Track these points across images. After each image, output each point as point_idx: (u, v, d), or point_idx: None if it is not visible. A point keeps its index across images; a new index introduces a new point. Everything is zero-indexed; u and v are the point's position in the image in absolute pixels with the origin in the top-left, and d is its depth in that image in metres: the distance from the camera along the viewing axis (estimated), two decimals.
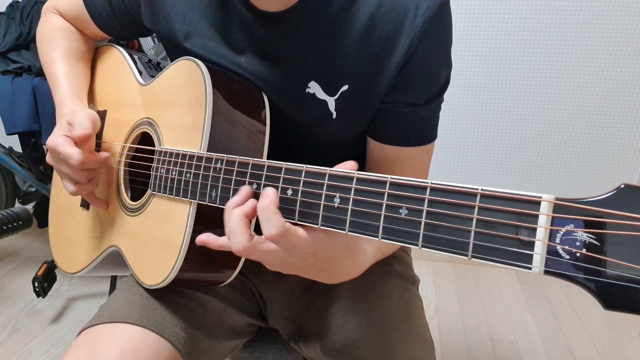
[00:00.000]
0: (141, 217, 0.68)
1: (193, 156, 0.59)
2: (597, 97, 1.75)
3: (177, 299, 0.70)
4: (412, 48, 0.60)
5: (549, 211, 0.32)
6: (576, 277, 0.31)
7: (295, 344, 0.76)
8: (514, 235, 0.34)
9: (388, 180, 0.40)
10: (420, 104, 0.64)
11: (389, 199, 0.40)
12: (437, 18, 0.59)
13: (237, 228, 0.47)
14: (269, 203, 0.46)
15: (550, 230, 0.32)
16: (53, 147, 0.66)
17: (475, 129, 1.87)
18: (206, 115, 0.60)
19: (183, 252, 0.60)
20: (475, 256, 0.36)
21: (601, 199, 0.31)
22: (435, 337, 1.56)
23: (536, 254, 0.33)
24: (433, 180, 0.38)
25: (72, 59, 0.81)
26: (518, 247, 0.34)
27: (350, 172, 0.43)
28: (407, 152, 0.67)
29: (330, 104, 0.65)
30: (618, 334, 1.60)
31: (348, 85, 0.63)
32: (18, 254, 2.12)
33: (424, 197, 0.38)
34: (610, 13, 1.63)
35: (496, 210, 0.35)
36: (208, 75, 0.61)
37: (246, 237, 0.47)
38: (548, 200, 0.32)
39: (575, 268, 0.31)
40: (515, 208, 0.34)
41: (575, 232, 0.31)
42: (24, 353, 1.51)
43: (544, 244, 0.32)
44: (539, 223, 0.33)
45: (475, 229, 0.35)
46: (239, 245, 0.47)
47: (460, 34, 1.74)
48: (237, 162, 0.53)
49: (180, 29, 0.68)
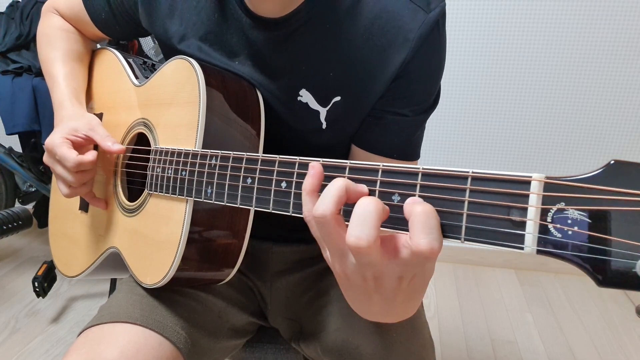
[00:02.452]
0: (139, 217, 0.68)
1: (188, 154, 0.59)
2: (596, 97, 1.75)
3: (177, 298, 0.70)
4: (406, 61, 0.60)
5: (540, 190, 0.32)
6: (568, 255, 0.31)
7: (295, 344, 0.76)
8: (505, 216, 0.34)
9: (380, 168, 0.40)
10: (408, 115, 0.64)
11: (381, 186, 0.40)
12: (432, 34, 0.59)
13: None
14: (432, 209, 0.36)
15: (541, 209, 0.32)
16: (51, 147, 0.68)
17: (471, 131, 1.87)
18: (200, 113, 0.60)
19: (181, 250, 0.60)
20: (468, 239, 0.36)
21: (591, 176, 0.31)
22: (435, 337, 1.56)
23: (528, 233, 0.32)
24: (424, 166, 0.38)
25: (71, 61, 0.81)
26: (510, 228, 0.33)
27: (343, 162, 0.42)
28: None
29: (322, 114, 0.65)
30: (618, 334, 1.60)
31: (340, 97, 0.64)
32: (18, 254, 2.12)
33: (416, 182, 0.38)
34: (610, 13, 1.64)
35: (487, 192, 0.34)
36: (201, 73, 0.61)
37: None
38: (538, 179, 0.32)
39: (567, 246, 0.31)
40: (506, 189, 0.34)
41: (567, 209, 0.31)
42: (24, 353, 1.51)
43: (536, 224, 0.32)
44: (529, 202, 0.32)
45: (467, 212, 0.35)
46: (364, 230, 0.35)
47: (458, 33, 1.74)
48: (231, 157, 0.53)
49: (177, 30, 0.68)
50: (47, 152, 0.69)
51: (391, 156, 0.66)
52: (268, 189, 0.48)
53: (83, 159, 0.66)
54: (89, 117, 0.73)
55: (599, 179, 0.30)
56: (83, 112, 0.75)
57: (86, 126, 0.70)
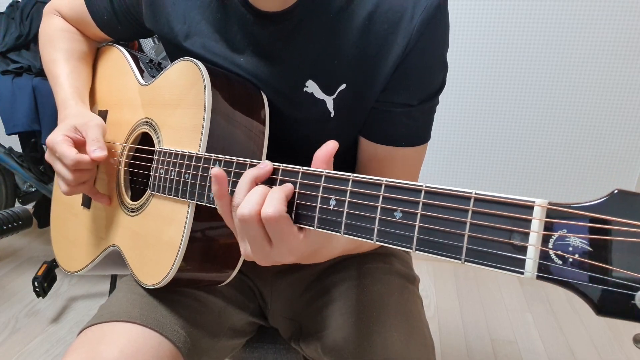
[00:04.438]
0: (140, 217, 0.68)
1: (192, 157, 0.59)
2: (596, 97, 1.75)
3: (177, 297, 0.70)
4: (408, 47, 0.60)
5: (542, 216, 0.32)
6: (569, 283, 0.31)
7: (295, 344, 0.76)
8: (506, 240, 0.33)
9: (383, 183, 0.40)
10: (414, 104, 0.64)
11: (383, 202, 0.40)
12: (434, 18, 0.59)
13: (242, 185, 0.48)
14: (282, 188, 0.46)
15: (543, 235, 0.32)
16: (52, 144, 0.68)
17: (471, 131, 1.87)
18: (205, 115, 0.60)
19: (182, 252, 0.60)
20: (468, 260, 0.35)
21: (594, 204, 0.31)
22: (435, 336, 1.56)
23: (529, 258, 0.32)
24: (427, 184, 0.38)
25: (74, 60, 0.81)
26: (511, 252, 0.33)
27: (346, 175, 0.43)
28: (398, 153, 0.67)
29: (328, 103, 0.65)
30: (618, 334, 1.60)
31: (346, 85, 0.64)
32: (18, 254, 2.12)
33: (418, 200, 0.38)
34: (610, 13, 1.64)
35: (489, 215, 0.34)
36: (207, 75, 0.61)
37: (242, 195, 0.47)
38: (541, 205, 0.32)
39: (567, 273, 0.31)
40: (508, 212, 0.34)
41: (568, 237, 0.31)
42: (24, 353, 1.51)
43: (537, 249, 0.32)
44: (531, 228, 0.32)
45: (469, 233, 0.35)
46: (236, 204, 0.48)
47: (458, 33, 1.74)
48: (234, 162, 0.53)
49: (181, 29, 0.69)
50: (49, 149, 0.69)
51: (400, 144, 0.67)
52: None
53: (82, 158, 0.66)
54: (91, 116, 0.73)
55: (601, 207, 0.30)
56: (86, 112, 0.75)
57: (84, 126, 0.70)
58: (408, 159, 0.69)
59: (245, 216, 0.45)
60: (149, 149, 0.69)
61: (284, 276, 0.81)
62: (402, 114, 0.65)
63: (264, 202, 0.45)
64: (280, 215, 0.44)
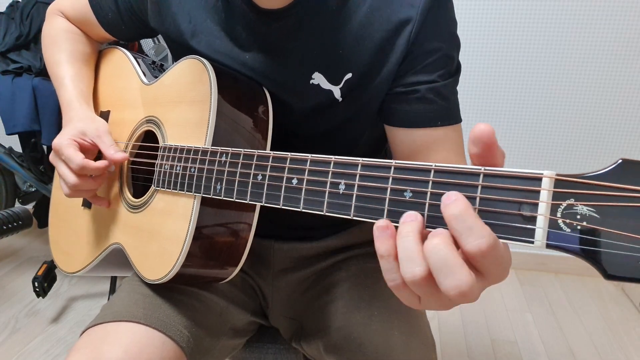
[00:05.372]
0: (144, 213, 0.68)
1: (198, 150, 0.60)
2: (596, 97, 1.75)
3: (180, 297, 0.70)
4: (415, 28, 0.60)
5: (550, 187, 0.33)
6: (577, 249, 0.32)
7: (296, 343, 0.76)
8: (516, 212, 0.35)
9: (392, 165, 0.41)
10: (437, 81, 0.63)
11: (393, 183, 0.40)
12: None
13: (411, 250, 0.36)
14: (465, 207, 0.35)
15: (552, 204, 0.33)
16: (58, 147, 0.68)
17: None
18: (211, 111, 0.61)
19: (186, 246, 0.60)
20: None
21: (600, 174, 0.32)
22: (435, 337, 1.55)
23: (538, 228, 0.33)
24: (437, 163, 0.39)
25: (78, 62, 0.81)
26: (520, 223, 0.34)
27: (355, 159, 0.43)
28: (437, 135, 0.64)
29: (335, 92, 0.65)
30: (618, 334, 1.60)
31: (352, 73, 0.64)
32: (18, 254, 2.11)
33: (428, 179, 0.38)
34: (610, 13, 1.64)
35: (499, 189, 0.36)
36: (213, 73, 0.62)
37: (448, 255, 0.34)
38: (549, 176, 0.33)
39: (576, 240, 0.32)
40: (517, 185, 0.35)
41: (576, 205, 0.32)
42: (24, 353, 1.50)
43: (546, 218, 0.33)
44: (540, 198, 0.34)
45: (479, 207, 0.36)
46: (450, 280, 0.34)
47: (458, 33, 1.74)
48: (242, 154, 0.53)
49: (187, 28, 0.69)
50: (54, 151, 0.69)
51: (436, 124, 0.64)
52: (279, 185, 0.48)
53: (89, 164, 0.67)
54: (98, 122, 0.74)
55: (607, 176, 0.32)
56: (93, 116, 0.75)
57: (94, 132, 0.71)
58: (449, 141, 0.65)
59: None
60: (153, 145, 0.70)
61: (285, 275, 0.81)
62: (428, 90, 0.63)
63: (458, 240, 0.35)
64: (494, 238, 0.35)
